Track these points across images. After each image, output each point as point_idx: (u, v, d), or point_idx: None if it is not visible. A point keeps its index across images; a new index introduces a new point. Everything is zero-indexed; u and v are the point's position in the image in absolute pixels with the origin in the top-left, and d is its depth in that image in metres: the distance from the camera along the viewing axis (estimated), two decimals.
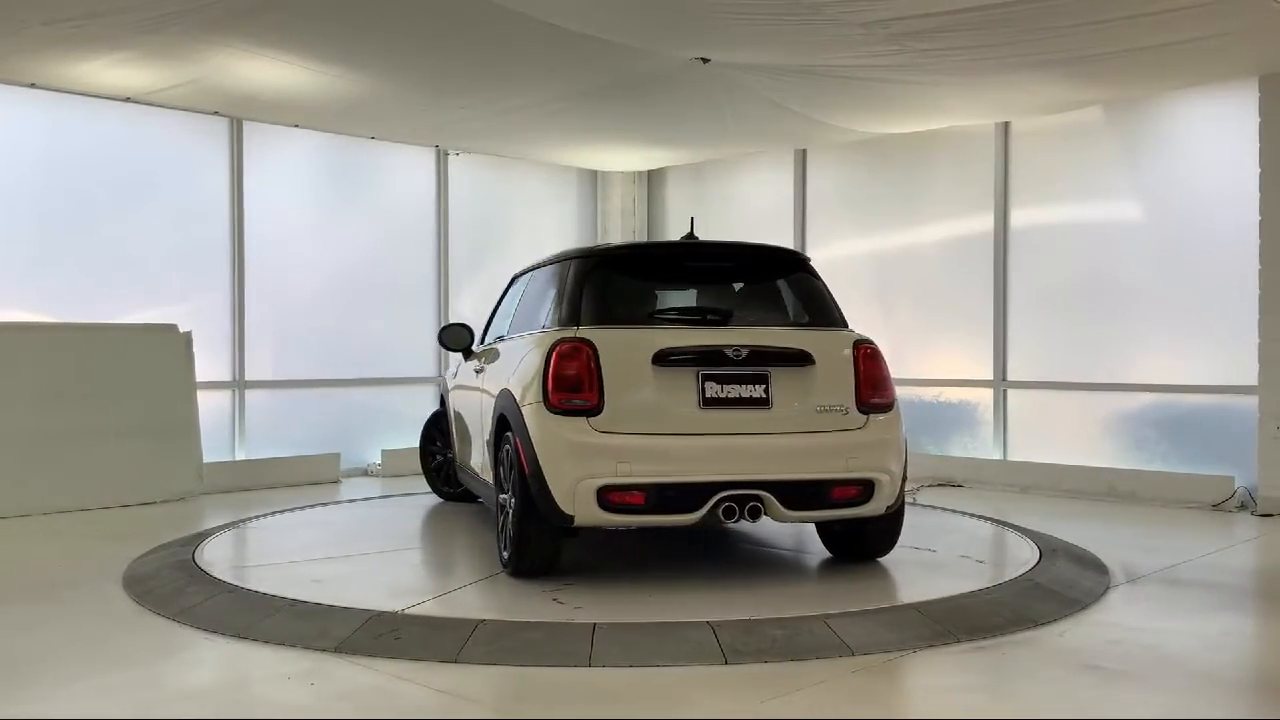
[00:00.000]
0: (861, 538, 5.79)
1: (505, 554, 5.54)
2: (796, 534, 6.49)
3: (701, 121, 9.45)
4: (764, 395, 5.28)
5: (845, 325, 5.78)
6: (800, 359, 5.35)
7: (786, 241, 10.69)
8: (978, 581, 5.37)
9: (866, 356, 5.50)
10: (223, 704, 3.84)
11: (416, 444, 10.06)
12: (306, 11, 6.50)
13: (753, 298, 6.16)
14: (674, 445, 5.15)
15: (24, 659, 4.30)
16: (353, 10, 6.54)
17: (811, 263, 6.09)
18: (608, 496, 5.07)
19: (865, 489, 5.32)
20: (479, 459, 6.52)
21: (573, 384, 5.17)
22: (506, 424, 5.50)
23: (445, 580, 5.62)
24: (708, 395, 5.22)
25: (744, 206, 11.27)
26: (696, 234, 6.48)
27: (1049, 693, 3.92)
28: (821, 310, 5.83)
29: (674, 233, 11.83)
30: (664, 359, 5.22)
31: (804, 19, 6.30)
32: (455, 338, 7.26)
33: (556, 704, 3.81)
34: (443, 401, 8.19)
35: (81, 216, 8.60)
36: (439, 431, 8.19)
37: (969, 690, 3.97)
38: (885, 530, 5.72)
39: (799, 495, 5.23)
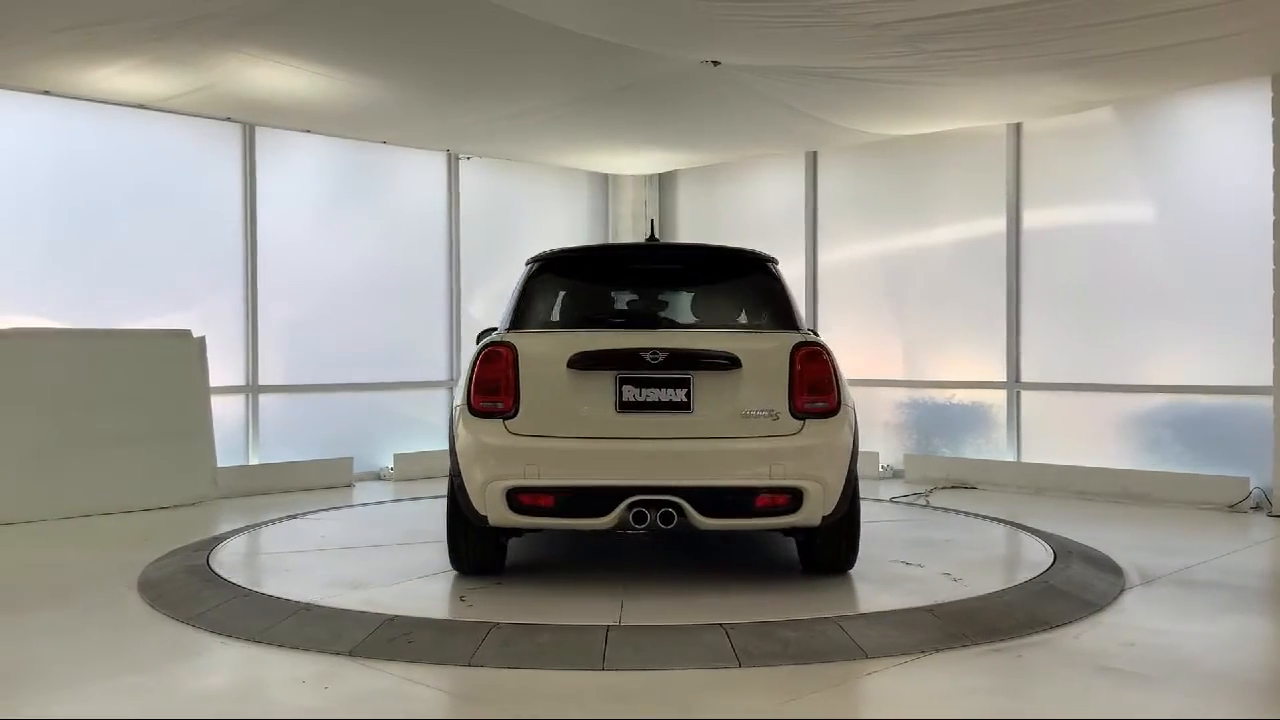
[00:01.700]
0: (813, 549, 5.55)
1: None
2: None
3: (712, 124, 9.45)
4: (685, 399, 5.18)
5: (796, 328, 5.61)
6: (725, 362, 5.21)
7: (798, 244, 10.70)
8: (992, 583, 5.36)
9: (805, 359, 5.26)
10: (237, 707, 3.85)
11: (428, 447, 10.05)
12: (317, 18, 6.52)
13: (701, 299, 6.14)
14: (586, 449, 5.14)
15: (40, 662, 4.32)
16: (364, 15, 6.56)
17: (773, 264, 5.96)
18: (518, 498, 5.11)
19: (794, 498, 5.09)
20: None
21: (491, 387, 5.24)
22: None
23: (393, 574, 5.66)
24: (625, 399, 5.18)
25: (755, 209, 11.26)
26: (660, 236, 6.46)
27: (1064, 695, 3.91)
28: (771, 312, 5.70)
29: (685, 235, 11.84)
30: (580, 363, 5.21)
31: (815, 21, 6.30)
32: None
33: (570, 707, 3.81)
34: None
35: (95, 222, 8.64)
36: None
37: (984, 692, 3.96)
38: (833, 542, 5.47)
39: (716, 502, 5.08)
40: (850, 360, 8.26)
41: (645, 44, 7.05)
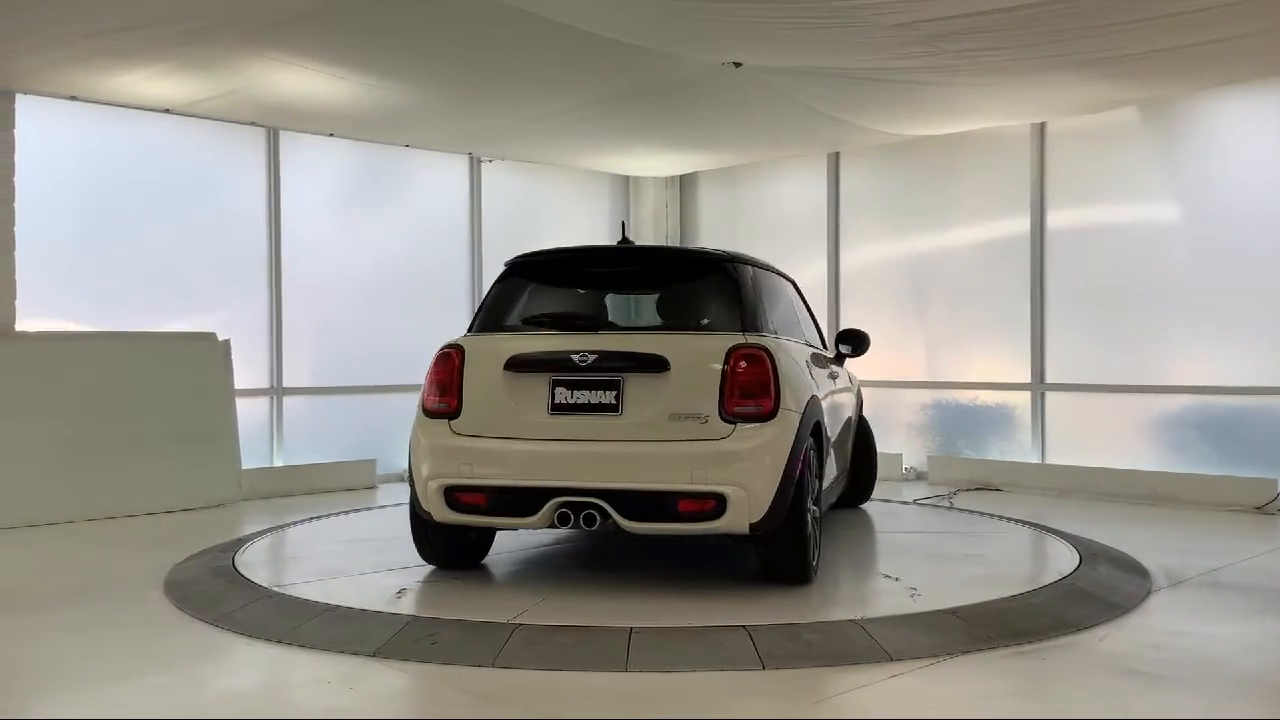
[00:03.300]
0: (764, 558, 5.36)
1: None
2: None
3: (733, 125, 9.44)
4: (614, 401, 5.18)
5: (744, 330, 5.37)
6: (653, 364, 5.15)
7: (820, 245, 10.69)
8: (1017, 585, 5.32)
9: (740, 361, 5.11)
10: (263, 707, 3.88)
11: None
12: (340, 22, 6.55)
13: (662, 301, 6.15)
14: (516, 449, 5.24)
15: (66, 662, 4.36)
16: (385, 20, 6.59)
17: (735, 264, 5.73)
18: (455, 496, 5.27)
19: (718, 503, 4.96)
20: None
21: (441, 388, 5.43)
22: None
23: (372, 566, 5.83)
24: (557, 401, 5.24)
25: (777, 210, 11.25)
26: (631, 239, 6.45)
27: (1090, 697, 3.89)
28: (722, 313, 5.55)
29: (706, 237, 11.84)
30: (516, 365, 5.31)
31: (836, 22, 6.29)
32: None
33: (592, 708, 3.81)
34: None
35: (121, 226, 8.72)
36: None
37: (1009, 695, 3.94)
38: (776, 552, 5.26)
39: (639, 505, 5.03)
40: (873, 362, 8.25)
41: (666, 46, 7.05)
